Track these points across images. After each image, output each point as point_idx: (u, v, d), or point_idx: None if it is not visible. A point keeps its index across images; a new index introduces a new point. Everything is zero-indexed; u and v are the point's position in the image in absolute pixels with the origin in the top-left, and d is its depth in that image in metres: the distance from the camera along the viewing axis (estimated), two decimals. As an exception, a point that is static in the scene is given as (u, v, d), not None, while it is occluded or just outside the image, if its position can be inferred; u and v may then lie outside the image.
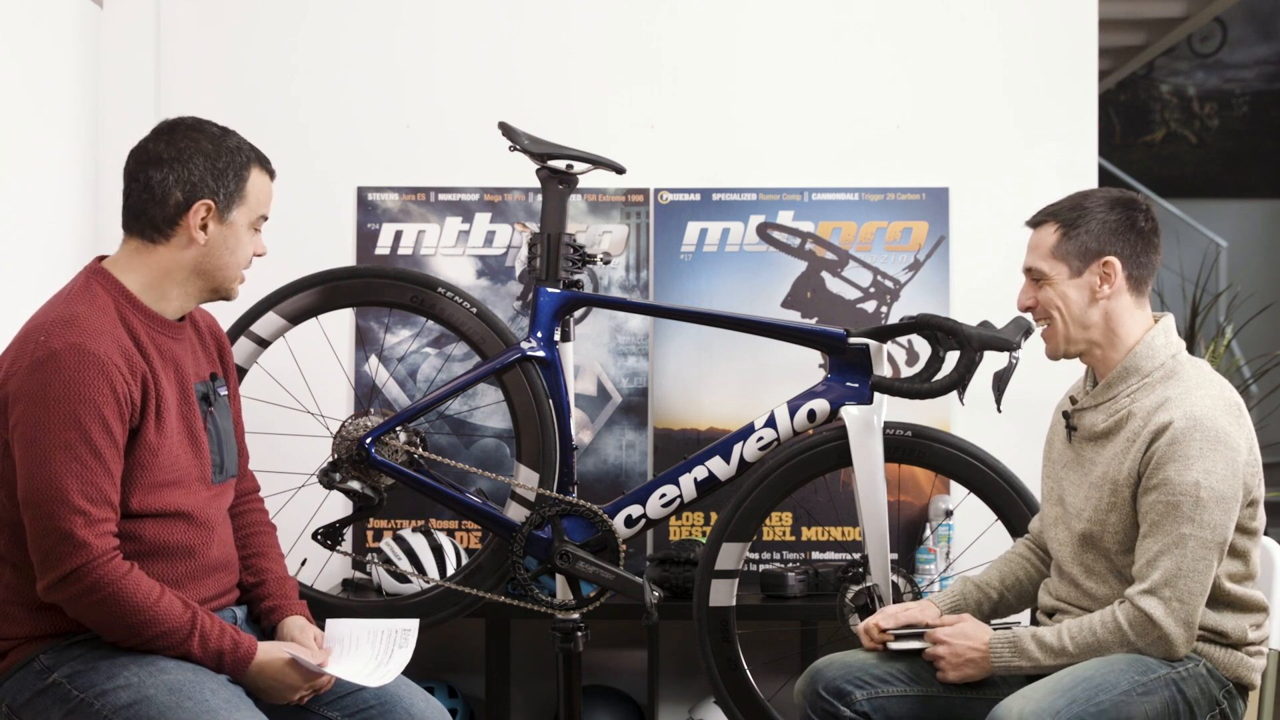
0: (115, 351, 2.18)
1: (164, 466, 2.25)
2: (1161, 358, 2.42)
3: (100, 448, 2.14)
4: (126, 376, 2.18)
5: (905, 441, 2.96)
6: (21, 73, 3.31)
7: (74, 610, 2.16)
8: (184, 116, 2.35)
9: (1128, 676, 2.29)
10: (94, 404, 2.13)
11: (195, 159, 2.27)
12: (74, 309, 2.21)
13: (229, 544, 2.41)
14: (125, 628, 2.16)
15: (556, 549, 2.95)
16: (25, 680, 2.19)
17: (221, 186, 2.29)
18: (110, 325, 2.21)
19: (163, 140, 2.30)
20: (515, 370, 3.01)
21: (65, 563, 2.12)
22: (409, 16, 3.84)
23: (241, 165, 2.31)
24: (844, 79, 3.82)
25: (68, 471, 2.11)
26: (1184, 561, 2.29)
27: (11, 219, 3.24)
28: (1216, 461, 2.29)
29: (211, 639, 2.21)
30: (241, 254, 2.34)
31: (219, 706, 2.13)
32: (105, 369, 2.15)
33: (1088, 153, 3.78)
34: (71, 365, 2.13)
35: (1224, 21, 8.52)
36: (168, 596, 2.18)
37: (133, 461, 2.21)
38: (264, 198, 2.37)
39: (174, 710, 2.11)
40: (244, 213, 2.33)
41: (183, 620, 2.19)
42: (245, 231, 2.33)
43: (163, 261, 2.29)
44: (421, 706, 2.35)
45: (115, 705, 2.13)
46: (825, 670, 2.54)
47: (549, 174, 3.02)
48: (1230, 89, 8.81)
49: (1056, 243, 2.44)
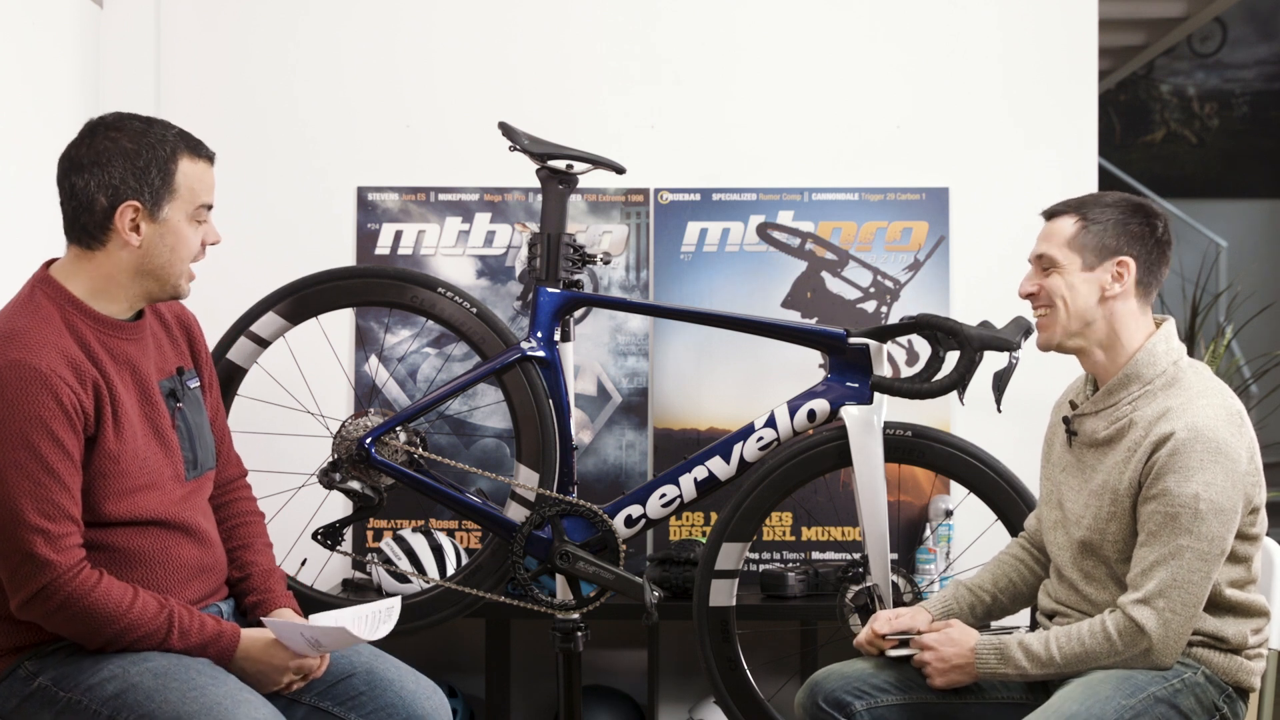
0: (60, 363, 2.13)
1: (129, 472, 2.21)
2: (1163, 364, 2.41)
3: (52, 463, 2.10)
4: (74, 387, 2.13)
5: (905, 441, 2.96)
6: (21, 73, 3.31)
7: (50, 625, 2.15)
8: (107, 115, 2.27)
9: (1114, 704, 2.27)
10: (40, 420, 2.09)
11: (114, 160, 2.19)
12: (15, 323, 2.16)
13: (212, 542, 2.37)
14: (104, 637, 2.15)
15: (556, 549, 2.95)
16: (12, 688, 2.19)
17: (145, 185, 2.20)
18: (55, 336, 2.16)
19: (84, 144, 2.22)
20: (515, 370, 3.01)
21: (32, 582, 2.10)
22: (409, 16, 3.84)
23: (166, 159, 2.21)
24: (844, 79, 3.82)
25: (21, 491, 2.09)
26: (1179, 572, 2.28)
27: (11, 219, 3.24)
28: (1217, 474, 2.29)
29: (192, 633, 2.19)
30: (184, 250, 2.25)
31: (205, 683, 2.13)
32: (49, 382, 2.10)
33: (1088, 153, 3.78)
34: (14, 383, 2.09)
35: (1224, 21, 8.51)
36: (141, 599, 2.17)
37: (94, 471, 2.17)
38: (199, 186, 2.25)
39: (161, 691, 2.11)
40: (177, 207, 2.23)
41: (159, 621, 2.17)
42: (185, 226, 2.24)
43: (103, 267, 2.23)
44: (412, 688, 2.34)
45: (103, 697, 2.13)
46: (824, 682, 2.53)
47: (549, 174, 3.02)
48: (1230, 89, 8.80)
49: (1075, 234, 2.44)
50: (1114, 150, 8.53)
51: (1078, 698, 2.29)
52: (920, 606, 2.62)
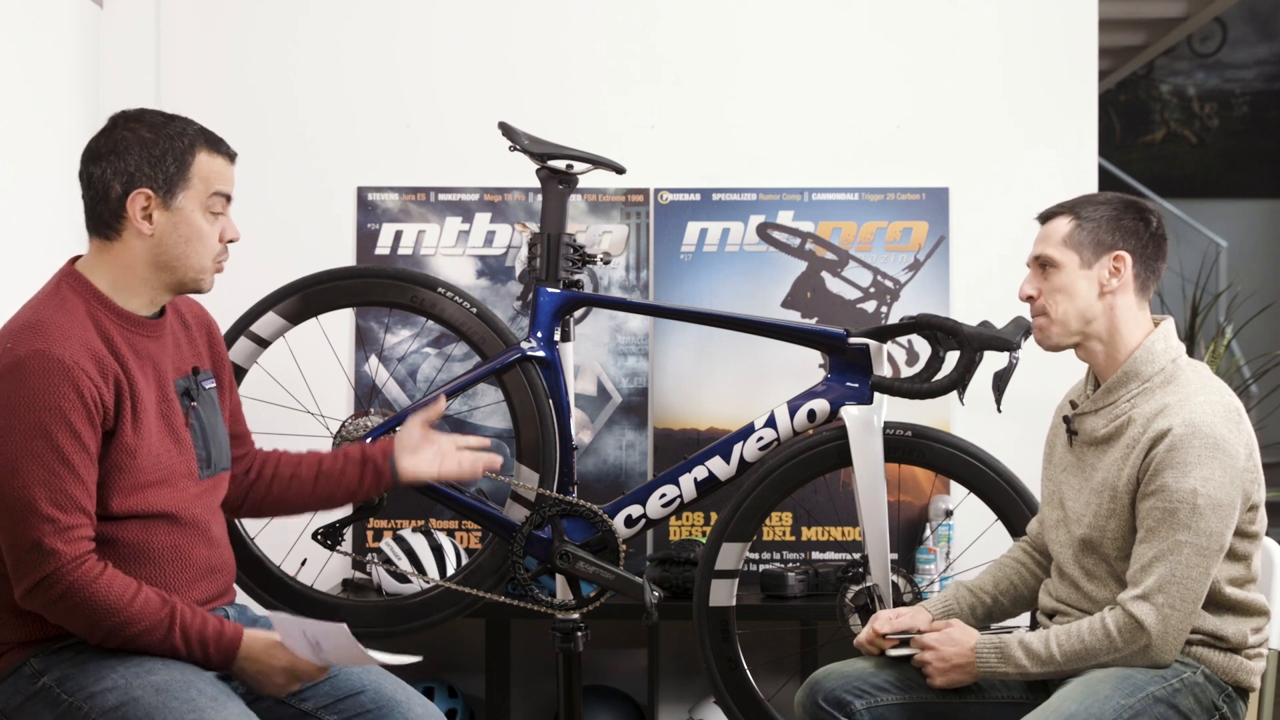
0: (83, 355, 2.14)
1: (144, 468, 2.22)
2: (1161, 362, 2.42)
3: (68, 454, 2.11)
4: (96, 380, 2.14)
5: (905, 441, 2.96)
6: (21, 73, 3.31)
7: (52, 616, 2.15)
8: (129, 109, 2.29)
9: (1113, 703, 2.27)
10: (60, 411, 2.10)
11: (131, 149, 2.21)
12: (41, 315, 2.18)
13: (221, 543, 2.38)
14: (104, 629, 2.14)
15: (556, 549, 2.95)
16: (17, 685, 2.18)
17: (160, 172, 2.21)
18: (79, 329, 2.17)
19: (105, 135, 2.24)
20: (515, 370, 3.01)
21: (36, 570, 2.10)
22: (409, 16, 3.84)
23: (183, 149, 2.22)
24: (844, 79, 3.82)
25: (35, 480, 2.09)
26: (1178, 568, 2.28)
27: (12, 219, 3.24)
28: (1214, 469, 2.29)
29: (194, 629, 2.17)
30: (200, 242, 2.25)
31: (205, 705, 2.11)
32: (71, 374, 2.11)
33: (1088, 153, 3.78)
34: (36, 373, 2.10)
35: (1224, 21, 8.51)
36: (144, 594, 2.16)
37: (110, 465, 2.18)
38: (214, 177, 2.26)
39: (161, 710, 2.10)
40: (191, 196, 2.23)
41: (161, 616, 2.16)
42: (199, 216, 2.24)
43: (121, 258, 2.24)
44: (420, 711, 2.34)
45: (103, 708, 2.12)
46: (824, 681, 2.53)
47: (549, 174, 3.02)
48: (1230, 89, 8.80)
49: (1070, 232, 2.44)
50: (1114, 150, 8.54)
51: (1077, 697, 2.29)
52: (921, 606, 2.62)
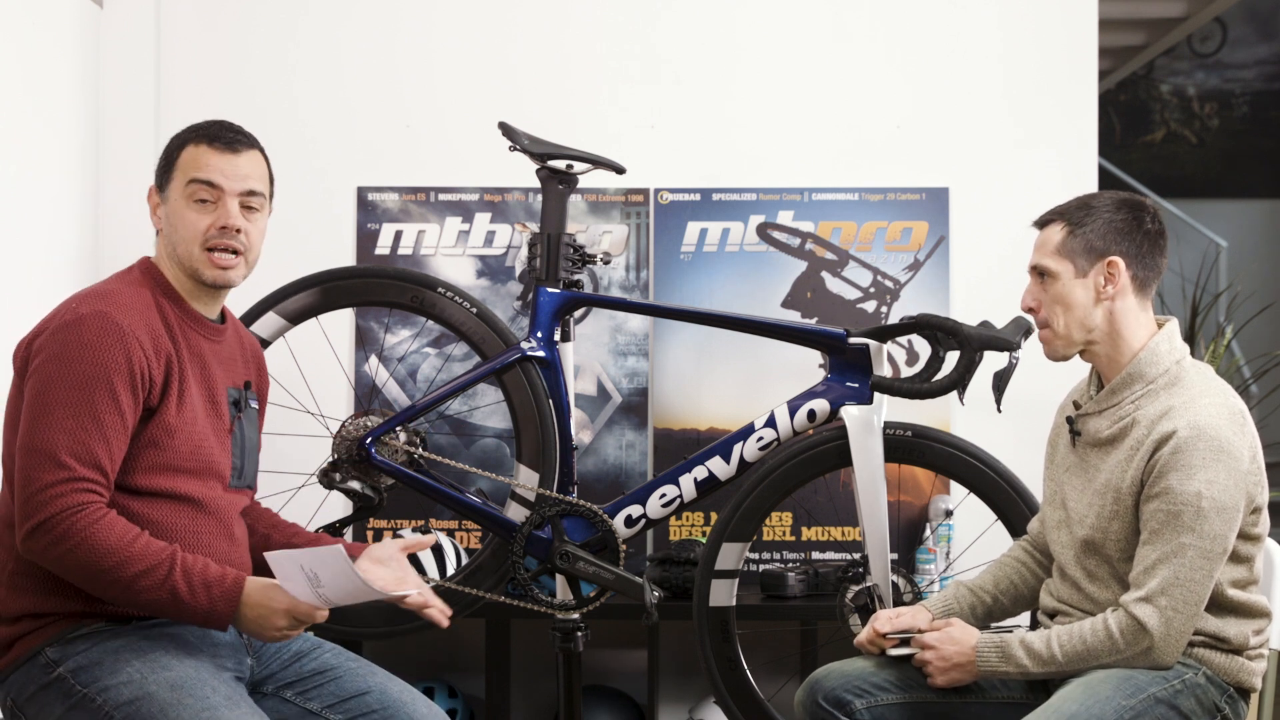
0: (140, 327, 2.22)
1: (182, 452, 2.26)
2: (1165, 364, 2.41)
3: (100, 413, 2.15)
4: (148, 351, 2.21)
5: (905, 441, 2.96)
6: (21, 73, 3.31)
7: (49, 563, 2.13)
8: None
9: (1114, 704, 2.27)
10: (105, 369, 2.16)
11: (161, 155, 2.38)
12: (110, 286, 2.30)
13: (242, 544, 2.39)
14: (104, 572, 2.11)
15: (556, 549, 2.95)
16: (30, 674, 2.18)
17: (160, 170, 2.37)
18: (142, 306, 2.26)
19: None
20: (515, 370, 3.01)
21: (39, 513, 2.11)
22: (408, 16, 3.84)
23: (176, 146, 2.36)
24: (844, 79, 3.82)
25: (62, 428, 2.13)
26: (1182, 570, 2.28)
27: (12, 219, 3.24)
28: (1219, 472, 2.28)
29: (195, 571, 2.15)
30: (184, 229, 2.32)
31: (219, 703, 2.12)
32: (125, 339, 2.19)
33: (1088, 153, 3.78)
34: (93, 330, 2.18)
35: (1224, 21, 8.51)
36: (145, 537, 2.15)
37: (146, 439, 2.22)
38: (191, 165, 2.33)
39: (175, 707, 2.10)
40: (174, 186, 2.34)
41: (162, 557, 2.14)
42: (181, 203, 2.32)
43: (163, 254, 2.37)
44: (424, 713, 2.34)
45: (117, 701, 2.12)
46: (824, 680, 2.53)
47: (549, 174, 3.02)
48: (1230, 89, 8.80)
49: (1063, 240, 2.44)
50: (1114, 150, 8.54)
51: (1077, 697, 2.29)
52: (921, 606, 2.62)
